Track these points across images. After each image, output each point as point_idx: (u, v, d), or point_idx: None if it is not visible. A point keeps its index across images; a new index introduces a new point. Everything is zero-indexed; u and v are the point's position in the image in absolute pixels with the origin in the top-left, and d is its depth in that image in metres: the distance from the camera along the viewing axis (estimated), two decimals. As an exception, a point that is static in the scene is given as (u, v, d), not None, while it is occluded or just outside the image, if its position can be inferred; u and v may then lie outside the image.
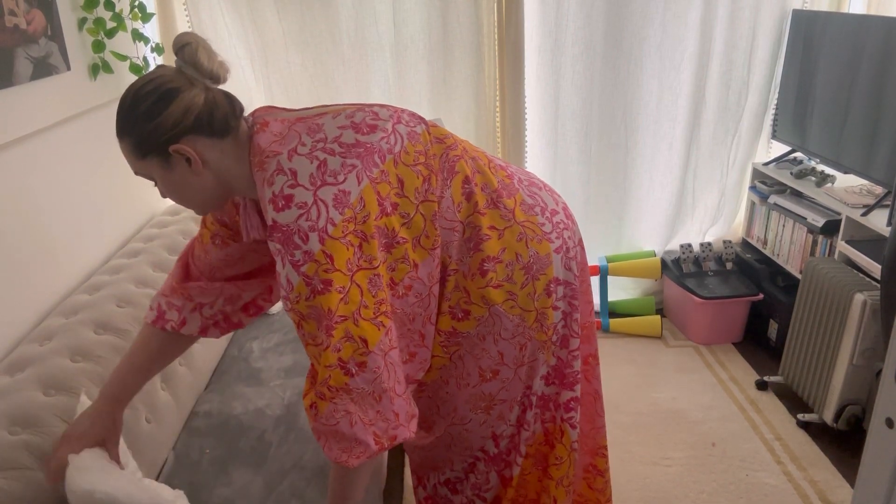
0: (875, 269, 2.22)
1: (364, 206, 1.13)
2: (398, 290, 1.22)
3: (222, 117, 1.16)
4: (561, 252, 1.39)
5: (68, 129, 2.07)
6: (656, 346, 3.13)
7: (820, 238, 2.65)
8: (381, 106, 1.28)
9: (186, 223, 2.46)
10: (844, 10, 2.99)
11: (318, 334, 1.12)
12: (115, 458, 1.31)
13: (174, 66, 1.15)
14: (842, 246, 2.43)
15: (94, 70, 2.21)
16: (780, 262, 2.94)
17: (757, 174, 3.14)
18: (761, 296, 2.98)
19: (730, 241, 3.23)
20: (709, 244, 3.23)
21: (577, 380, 1.48)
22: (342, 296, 1.10)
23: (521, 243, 1.35)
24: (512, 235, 1.34)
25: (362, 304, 1.12)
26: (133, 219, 2.49)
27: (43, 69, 1.92)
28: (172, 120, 1.11)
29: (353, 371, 1.12)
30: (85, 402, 1.34)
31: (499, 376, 1.42)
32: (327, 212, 1.10)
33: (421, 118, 1.31)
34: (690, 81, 3.02)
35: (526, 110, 3.03)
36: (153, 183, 1.19)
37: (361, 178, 1.14)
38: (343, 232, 1.11)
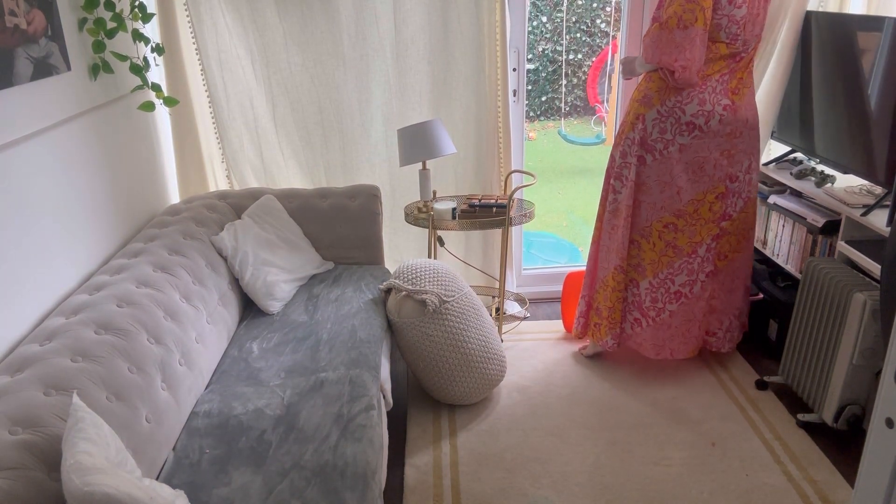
0: (875, 269, 2.22)
1: None
2: None
3: None
4: None
5: (68, 129, 2.07)
6: (656, 346, 3.12)
7: (820, 238, 2.64)
8: None
9: (186, 223, 2.46)
10: (845, 10, 2.99)
11: None
12: None
13: None
14: (842, 246, 2.43)
15: (95, 70, 2.21)
16: (779, 262, 2.94)
17: (757, 174, 3.14)
18: (761, 296, 2.98)
19: (730, 241, 3.22)
20: (709, 244, 3.22)
21: None
22: None
23: None
24: None
25: None
26: (133, 219, 2.49)
27: (43, 69, 1.92)
28: None
29: None
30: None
31: None
32: None
33: None
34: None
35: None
36: None
37: None
38: None
